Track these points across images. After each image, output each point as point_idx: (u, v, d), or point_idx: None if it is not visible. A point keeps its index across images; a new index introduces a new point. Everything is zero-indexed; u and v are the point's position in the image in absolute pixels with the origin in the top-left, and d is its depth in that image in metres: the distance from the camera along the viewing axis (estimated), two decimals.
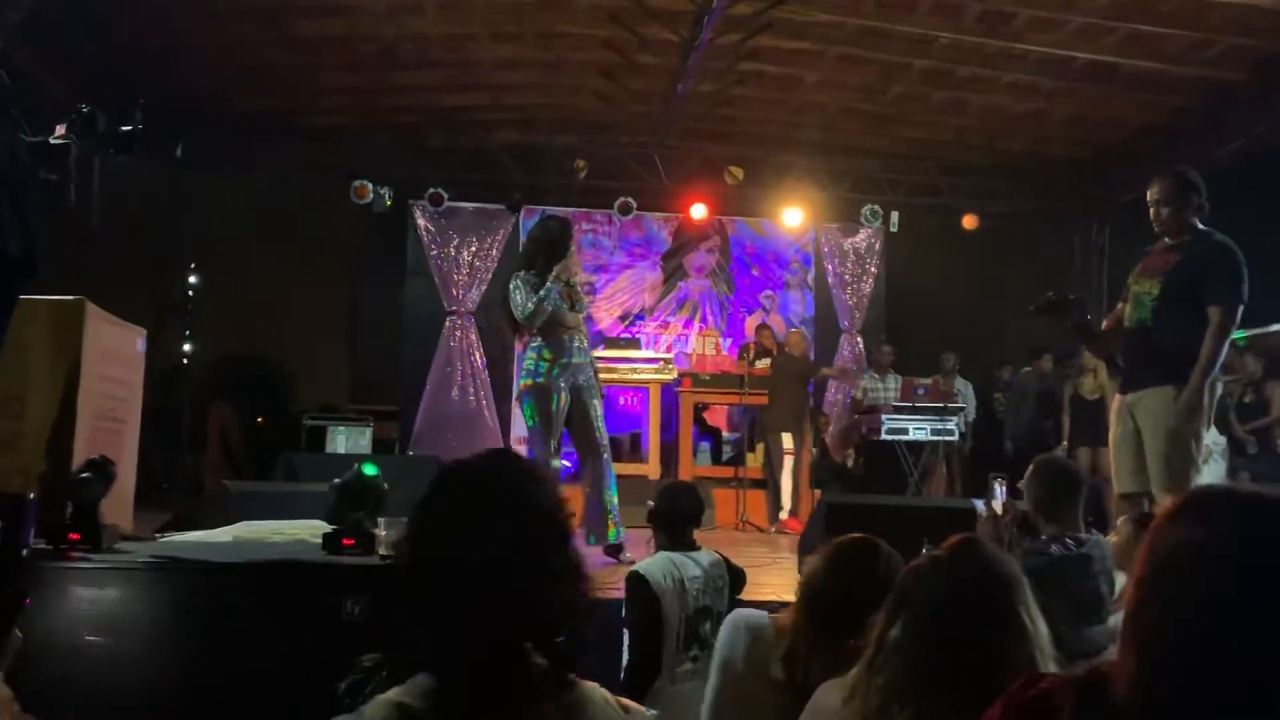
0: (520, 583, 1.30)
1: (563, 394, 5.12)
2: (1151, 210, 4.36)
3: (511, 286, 5.18)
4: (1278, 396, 7.64)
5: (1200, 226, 4.28)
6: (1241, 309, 4.12)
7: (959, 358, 9.83)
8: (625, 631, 3.26)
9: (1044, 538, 3.27)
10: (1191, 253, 4.22)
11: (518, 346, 5.21)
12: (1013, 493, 3.80)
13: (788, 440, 8.19)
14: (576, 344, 5.23)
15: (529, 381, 5.15)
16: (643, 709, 1.41)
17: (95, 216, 3.56)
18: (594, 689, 1.36)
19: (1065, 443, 8.38)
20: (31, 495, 3.06)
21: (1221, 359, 4.16)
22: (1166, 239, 4.34)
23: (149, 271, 8.60)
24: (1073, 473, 3.50)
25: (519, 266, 5.30)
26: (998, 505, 3.67)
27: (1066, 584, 2.96)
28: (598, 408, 5.27)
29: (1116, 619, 3.27)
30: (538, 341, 5.16)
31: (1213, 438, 7.55)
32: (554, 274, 5.10)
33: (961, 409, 9.16)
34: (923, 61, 8.22)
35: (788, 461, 8.16)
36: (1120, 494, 4.40)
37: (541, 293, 5.04)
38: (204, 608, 2.87)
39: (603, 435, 5.30)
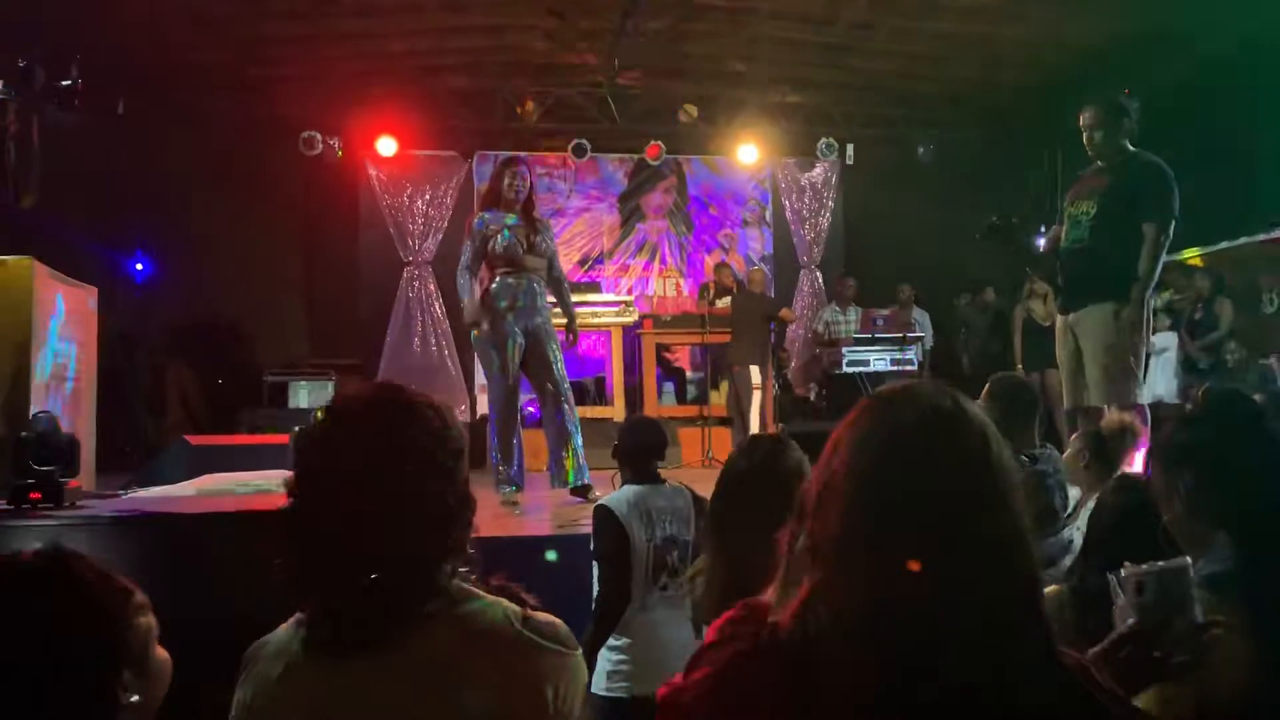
0: (398, 515, 1.29)
1: (517, 338, 5.09)
2: (1085, 135, 4.53)
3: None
4: (1227, 312, 7.79)
5: (1131, 148, 4.45)
6: (1174, 224, 4.28)
7: (915, 288, 9.92)
8: (595, 565, 3.30)
9: None
10: (1124, 173, 4.40)
11: (476, 291, 5.19)
12: None
13: (755, 375, 8.24)
14: (533, 287, 5.18)
15: (482, 326, 5.12)
16: (554, 621, 1.38)
17: (37, 174, 3.49)
18: (493, 605, 1.35)
19: (1020, 366, 8.51)
20: None
21: (1159, 273, 4.32)
22: (1099, 162, 4.51)
23: (98, 231, 8.43)
24: (1028, 389, 3.58)
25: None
26: None
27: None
28: (556, 351, 5.24)
29: (1069, 531, 3.37)
30: (495, 285, 5.11)
31: (1167, 340, 7.72)
32: (477, 220, 5.16)
33: (920, 338, 9.27)
34: None
35: (756, 396, 8.22)
36: (1069, 410, 4.56)
37: (464, 267, 5.10)
38: (170, 559, 2.86)
39: (563, 378, 5.26)
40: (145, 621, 1.54)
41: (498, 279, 5.10)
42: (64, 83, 3.42)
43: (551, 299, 5.51)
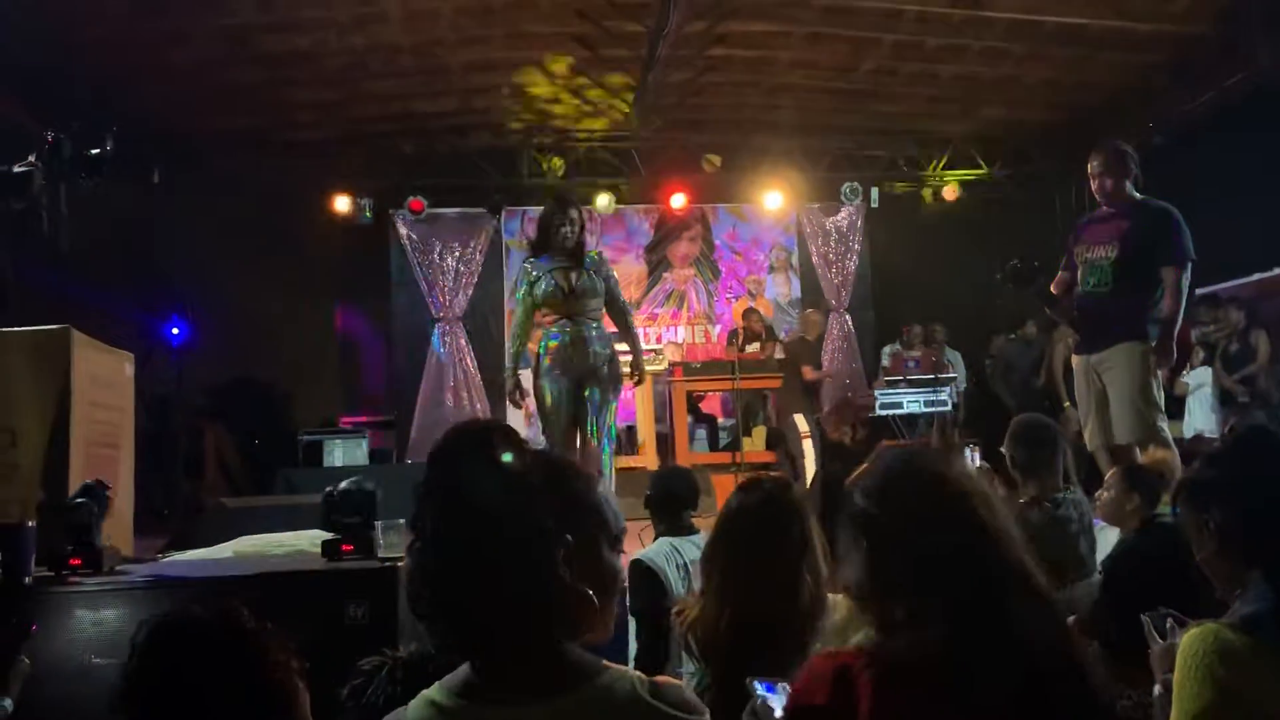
0: (517, 565, 1.28)
1: (562, 386, 4.91)
2: (1094, 182, 4.67)
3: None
4: (1263, 344, 7.68)
5: (1138, 195, 4.60)
6: (1191, 265, 4.47)
7: (947, 329, 9.88)
8: (631, 620, 3.28)
9: (1022, 500, 3.32)
10: (1139, 218, 4.57)
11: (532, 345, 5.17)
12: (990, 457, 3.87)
13: (801, 423, 8.25)
14: (581, 332, 4.95)
15: (533, 376, 5.03)
16: (676, 684, 1.37)
17: (65, 241, 3.55)
18: (623, 676, 1.33)
19: (1066, 403, 8.37)
20: (31, 524, 3.07)
21: (1182, 314, 4.48)
22: (1106, 207, 4.64)
23: (134, 296, 8.58)
24: (1049, 430, 3.56)
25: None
26: None
27: (1047, 548, 3.01)
28: (604, 397, 4.98)
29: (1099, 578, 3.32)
30: (542, 333, 5.05)
31: (1202, 376, 7.62)
32: (528, 270, 5.08)
33: (953, 379, 9.22)
34: (892, 35, 8.24)
35: (807, 444, 8.24)
36: (1094, 449, 4.60)
37: (517, 310, 5.09)
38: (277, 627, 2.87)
39: (602, 431, 4.98)
40: (305, 685, 1.52)
41: (545, 328, 5.03)
42: (93, 151, 3.48)
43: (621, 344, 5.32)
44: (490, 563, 1.27)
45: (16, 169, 3.36)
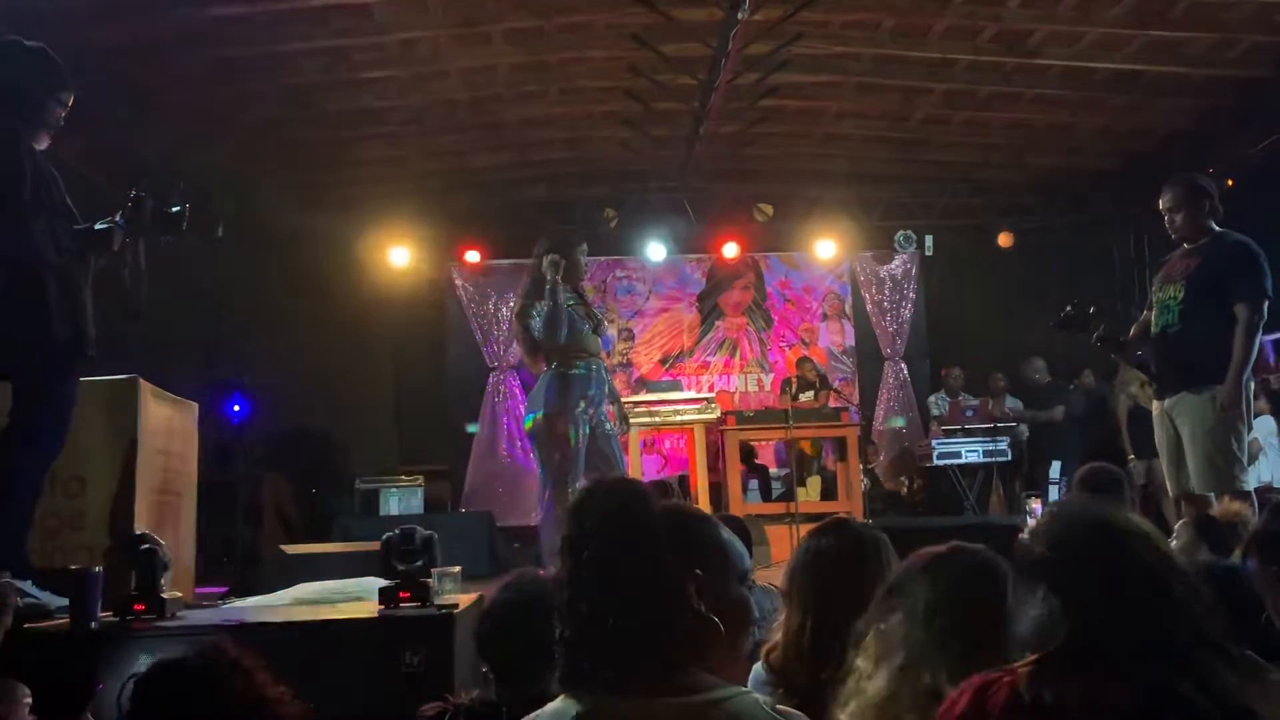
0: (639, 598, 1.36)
1: (583, 428, 4.59)
2: (1166, 218, 4.46)
3: (532, 313, 4.69)
4: None
5: (1216, 228, 4.36)
6: (1267, 304, 4.16)
7: (1007, 377, 9.74)
8: None
9: None
10: (1211, 254, 4.30)
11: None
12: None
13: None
14: (601, 374, 4.74)
15: (541, 414, 4.60)
16: (801, 715, 1.41)
17: (144, 296, 3.66)
18: (746, 694, 1.37)
19: (1132, 456, 8.19)
20: (98, 570, 3.14)
21: (1254, 355, 4.19)
22: (1184, 244, 4.43)
23: (197, 348, 8.77)
24: (1113, 476, 3.49)
25: (530, 297, 4.78)
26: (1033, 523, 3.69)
27: None
28: (618, 448, 4.84)
29: None
30: (557, 367, 4.64)
31: (1266, 429, 7.42)
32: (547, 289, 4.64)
33: (1012, 427, 9.06)
34: (944, 84, 8.25)
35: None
36: (1174, 498, 4.42)
37: (559, 299, 4.51)
38: (268, 667, 2.90)
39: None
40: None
41: (569, 366, 4.65)
42: (173, 209, 3.59)
43: None
44: (629, 593, 1.36)
45: (98, 226, 3.48)
